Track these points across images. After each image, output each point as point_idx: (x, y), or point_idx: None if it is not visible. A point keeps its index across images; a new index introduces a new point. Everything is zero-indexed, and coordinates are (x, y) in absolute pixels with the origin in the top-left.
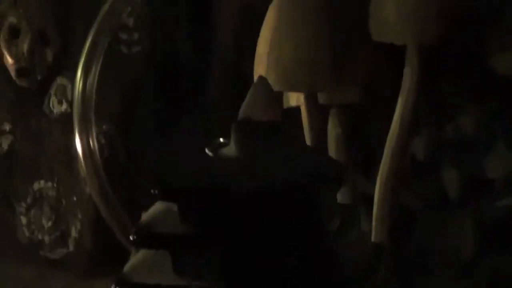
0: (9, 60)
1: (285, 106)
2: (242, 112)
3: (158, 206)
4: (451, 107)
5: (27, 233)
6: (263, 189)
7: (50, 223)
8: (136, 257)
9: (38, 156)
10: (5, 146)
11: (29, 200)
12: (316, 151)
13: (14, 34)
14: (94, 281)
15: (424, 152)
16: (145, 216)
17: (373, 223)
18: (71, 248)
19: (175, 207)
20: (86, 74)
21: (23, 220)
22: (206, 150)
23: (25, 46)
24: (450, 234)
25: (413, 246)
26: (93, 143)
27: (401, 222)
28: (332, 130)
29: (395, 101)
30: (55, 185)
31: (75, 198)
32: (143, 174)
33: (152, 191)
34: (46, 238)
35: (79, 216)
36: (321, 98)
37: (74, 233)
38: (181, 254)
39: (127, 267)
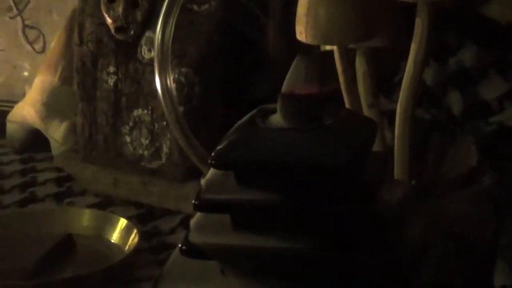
0: (108, 20)
1: (322, 49)
2: (285, 86)
3: (216, 171)
4: (452, 45)
5: (131, 149)
6: (309, 164)
7: (147, 141)
8: (200, 216)
9: (135, 90)
10: (111, 83)
11: (131, 123)
12: (351, 114)
13: (111, 0)
14: (184, 184)
15: (432, 80)
16: (205, 182)
17: (396, 135)
18: (163, 160)
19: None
20: (164, 28)
21: (127, 139)
22: (256, 120)
23: (120, 10)
24: (458, 148)
25: (428, 159)
26: (170, 82)
27: (417, 135)
28: (360, 66)
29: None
30: (149, 112)
31: (165, 123)
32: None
33: (209, 161)
34: (145, 153)
35: (168, 136)
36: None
37: (165, 149)
38: (239, 217)
39: (192, 226)
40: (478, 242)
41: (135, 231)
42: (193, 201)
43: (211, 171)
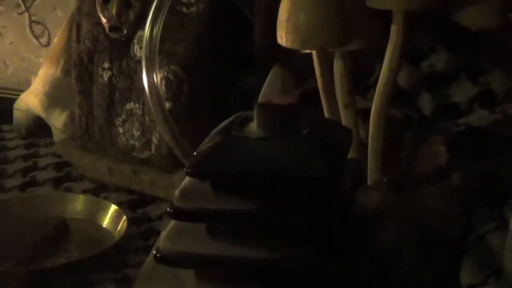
0: (103, 20)
1: (302, 52)
2: (262, 95)
3: (191, 179)
4: (425, 49)
5: (123, 140)
6: (285, 174)
7: (138, 133)
8: (174, 223)
9: (128, 85)
10: (106, 78)
11: (124, 116)
12: (327, 123)
13: (106, 1)
14: (173, 174)
15: (406, 82)
16: (179, 190)
17: (370, 132)
18: (153, 151)
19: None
20: (152, 27)
21: (120, 130)
22: (234, 127)
23: (114, 10)
24: (428, 147)
25: (400, 156)
26: (157, 79)
27: (390, 133)
28: (337, 68)
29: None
30: (140, 106)
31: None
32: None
33: (185, 170)
34: (137, 143)
35: (158, 128)
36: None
37: (155, 140)
38: (214, 227)
39: (164, 236)
40: (448, 240)
41: (124, 217)
42: (167, 210)
43: (187, 179)
